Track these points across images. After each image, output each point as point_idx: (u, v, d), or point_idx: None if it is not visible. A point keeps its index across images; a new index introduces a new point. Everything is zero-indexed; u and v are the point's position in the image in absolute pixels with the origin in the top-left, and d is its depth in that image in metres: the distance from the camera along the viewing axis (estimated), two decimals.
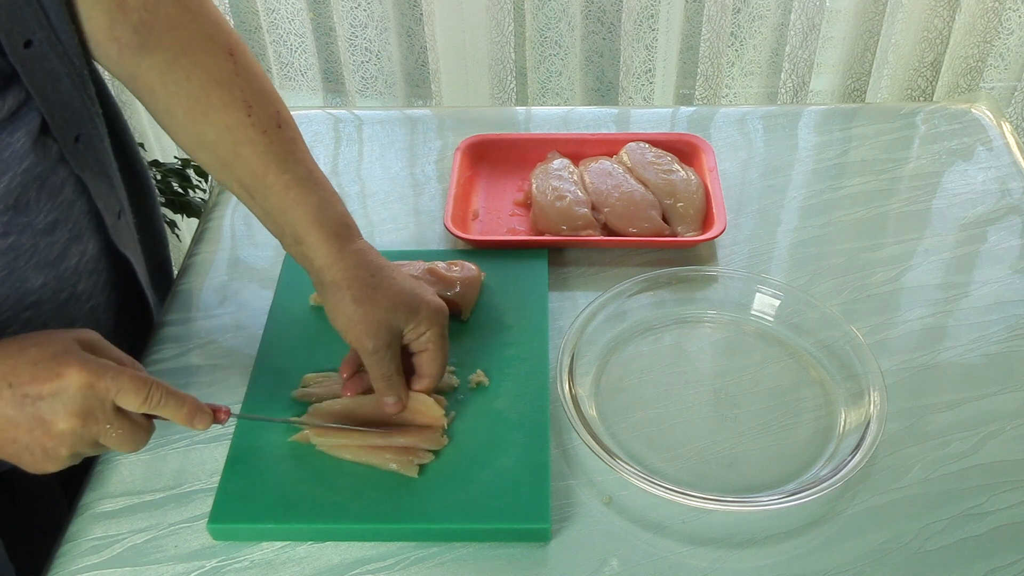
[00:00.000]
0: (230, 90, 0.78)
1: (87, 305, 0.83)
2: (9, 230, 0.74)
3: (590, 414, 0.81)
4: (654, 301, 0.92)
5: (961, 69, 1.81)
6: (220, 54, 0.78)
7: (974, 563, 0.71)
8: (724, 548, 0.73)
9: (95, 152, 0.81)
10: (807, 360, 0.87)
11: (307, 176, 0.78)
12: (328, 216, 0.78)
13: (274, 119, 0.79)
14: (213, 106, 0.77)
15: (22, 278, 0.76)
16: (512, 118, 1.29)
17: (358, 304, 0.76)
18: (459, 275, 0.91)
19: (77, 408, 0.64)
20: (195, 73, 0.77)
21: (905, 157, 1.12)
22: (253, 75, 0.79)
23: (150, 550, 0.74)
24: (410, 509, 0.74)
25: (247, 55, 0.80)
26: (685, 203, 1.01)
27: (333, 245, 0.77)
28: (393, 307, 0.76)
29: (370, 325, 0.75)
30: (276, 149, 0.78)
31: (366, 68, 1.96)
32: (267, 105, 0.79)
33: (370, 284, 0.76)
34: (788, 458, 0.79)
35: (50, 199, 0.77)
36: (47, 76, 0.74)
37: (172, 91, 0.78)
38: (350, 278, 0.76)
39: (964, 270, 0.96)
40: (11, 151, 0.73)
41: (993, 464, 0.78)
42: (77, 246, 0.81)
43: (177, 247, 1.96)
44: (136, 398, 0.66)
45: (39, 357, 0.65)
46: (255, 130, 0.78)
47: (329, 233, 0.77)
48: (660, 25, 1.88)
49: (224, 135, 0.78)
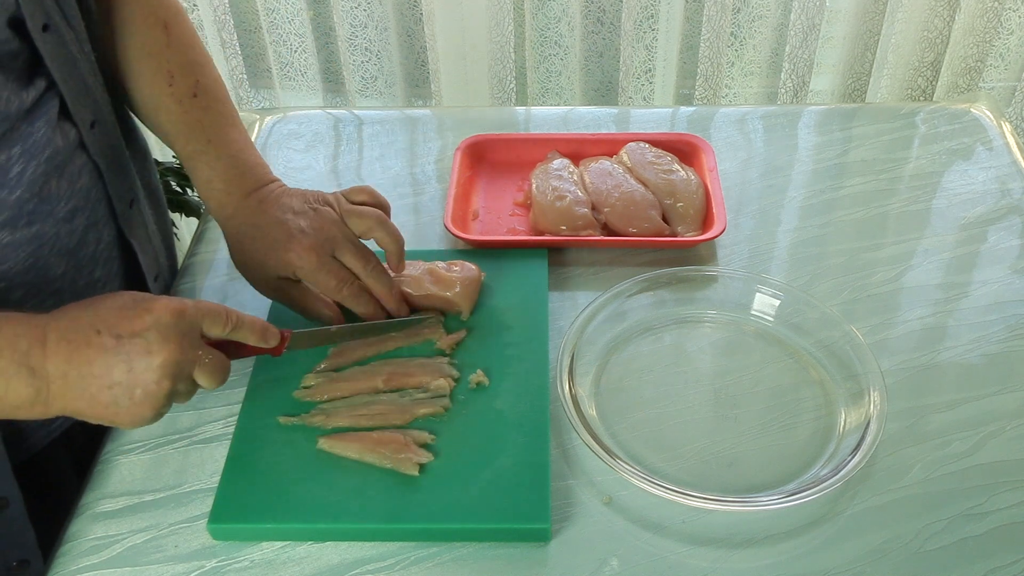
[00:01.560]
0: (158, 61, 0.86)
1: (104, 291, 0.84)
2: (34, 219, 0.75)
3: (590, 414, 0.81)
4: (654, 301, 0.92)
5: (961, 69, 1.81)
6: (156, 27, 0.86)
7: (974, 563, 0.71)
8: (724, 548, 0.73)
9: (109, 138, 0.84)
10: (807, 360, 0.87)
11: (204, 148, 0.85)
12: (212, 188, 0.85)
13: (191, 89, 0.86)
14: (143, 73, 0.86)
15: (45, 266, 0.77)
16: (512, 118, 1.29)
17: (243, 269, 0.85)
18: (459, 275, 0.91)
19: (174, 335, 0.67)
20: (131, 43, 0.86)
21: (905, 157, 1.12)
22: (184, 47, 0.87)
23: (150, 550, 0.74)
24: (410, 509, 0.74)
25: (182, 26, 0.88)
26: (685, 203, 1.01)
27: (220, 214, 0.86)
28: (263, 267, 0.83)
29: (258, 286, 0.84)
30: (186, 118, 0.86)
31: (366, 68, 1.96)
32: (187, 76, 0.86)
33: (242, 250, 0.84)
34: (788, 458, 0.79)
35: (69, 186, 0.79)
36: (65, 60, 0.77)
37: (117, 56, 0.86)
38: (233, 241, 0.85)
39: (964, 270, 0.96)
40: (34, 139, 0.74)
41: (993, 464, 0.78)
42: (94, 233, 0.83)
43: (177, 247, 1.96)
44: (218, 321, 0.71)
45: (120, 303, 0.67)
46: (172, 99, 0.86)
47: (216, 204, 0.86)
48: (660, 25, 1.88)
49: (148, 103, 0.87)
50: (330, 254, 0.82)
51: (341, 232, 0.83)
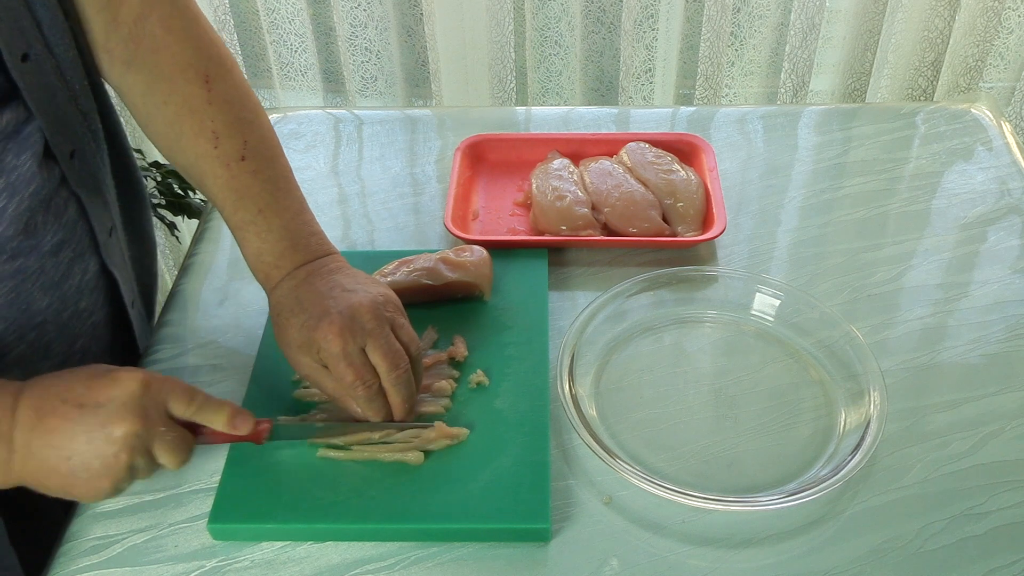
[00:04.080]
0: (201, 119, 0.79)
1: (88, 321, 0.83)
2: (18, 253, 0.74)
3: (590, 414, 0.81)
4: (654, 301, 0.92)
5: (961, 69, 1.80)
6: (196, 81, 0.79)
7: (974, 563, 0.71)
8: (724, 548, 0.73)
9: (90, 168, 0.81)
10: (807, 360, 0.87)
11: (254, 219, 0.80)
12: (262, 261, 0.80)
13: (239, 151, 0.80)
14: (184, 134, 0.80)
15: (28, 299, 0.76)
16: (512, 118, 1.29)
17: (280, 338, 0.77)
18: (471, 259, 0.92)
19: (137, 408, 0.65)
20: (171, 100, 0.79)
21: (905, 157, 1.12)
22: (227, 103, 0.80)
23: (150, 550, 0.74)
24: (410, 509, 0.74)
25: (227, 80, 0.81)
26: (685, 203, 1.01)
27: (266, 286, 0.80)
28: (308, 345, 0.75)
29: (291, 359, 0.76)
30: (234, 184, 0.80)
31: (366, 68, 1.96)
32: (234, 136, 0.80)
33: (280, 326, 0.77)
34: (788, 458, 0.79)
35: (56, 220, 0.77)
36: (44, 90, 0.74)
37: (151, 112, 0.80)
38: (275, 315, 0.78)
39: (964, 270, 0.96)
40: (18, 174, 0.72)
41: (993, 464, 0.78)
42: (79, 265, 0.81)
43: (177, 248, 1.96)
44: (183, 400, 0.68)
45: (91, 373, 0.66)
46: (219, 163, 0.79)
47: (263, 277, 0.80)
48: (660, 25, 1.88)
49: (193, 163, 0.81)
50: (360, 346, 0.74)
51: (379, 326, 0.75)
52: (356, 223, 1.05)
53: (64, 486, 0.66)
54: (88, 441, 0.64)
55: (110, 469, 0.65)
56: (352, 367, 0.73)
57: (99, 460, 0.64)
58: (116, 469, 0.65)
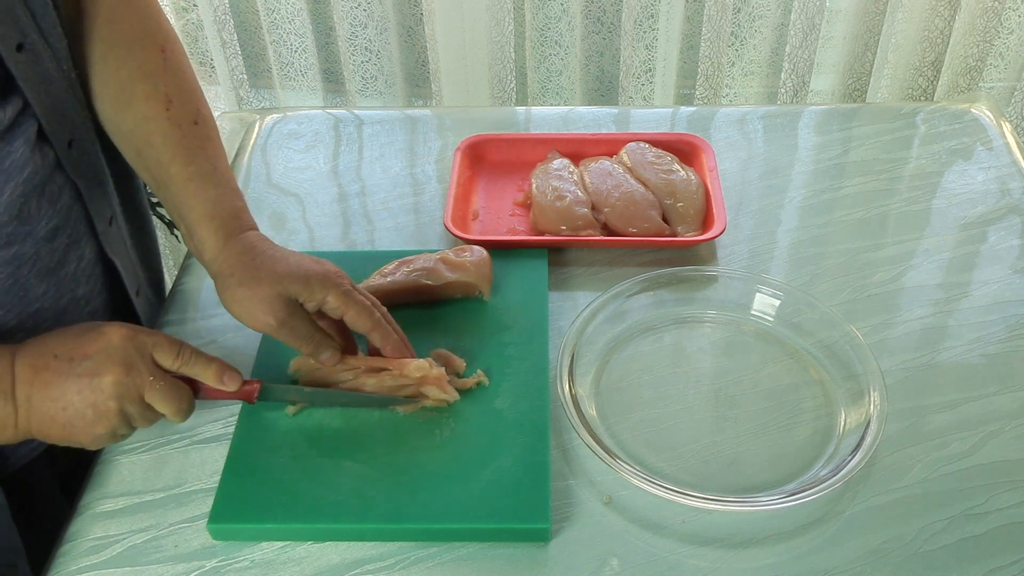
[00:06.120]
0: (154, 84, 0.81)
1: (86, 309, 0.84)
2: (13, 239, 0.74)
3: (590, 414, 0.81)
4: (654, 301, 0.92)
5: (961, 69, 1.80)
6: (153, 49, 0.82)
7: (974, 563, 0.71)
8: (724, 548, 0.73)
9: (88, 157, 0.82)
10: (807, 360, 0.87)
11: (210, 172, 0.81)
12: (221, 210, 0.80)
13: (191, 116, 0.82)
14: (136, 96, 0.81)
15: (25, 286, 0.77)
16: (512, 118, 1.29)
17: (245, 287, 0.77)
18: (470, 259, 0.92)
19: (120, 358, 0.69)
20: (127, 64, 0.81)
21: (905, 157, 1.12)
22: (181, 72, 0.83)
23: (150, 550, 0.74)
24: (410, 509, 0.74)
25: (179, 53, 0.84)
26: (685, 203, 1.01)
27: (220, 237, 0.79)
28: (278, 280, 0.76)
29: (262, 303, 0.76)
30: (187, 143, 0.81)
31: (366, 68, 1.96)
32: (187, 103, 0.82)
33: (252, 266, 0.78)
34: (788, 458, 0.79)
35: (50, 206, 0.78)
36: (40, 80, 0.75)
37: (103, 79, 0.81)
38: (233, 265, 0.78)
39: (964, 270, 0.96)
40: (11, 160, 0.73)
41: (993, 464, 0.78)
42: (75, 251, 0.81)
43: (177, 248, 1.96)
44: (170, 352, 0.72)
45: (82, 330, 0.71)
46: (170, 123, 0.81)
47: (218, 226, 0.79)
48: (660, 25, 1.88)
49: (140, 125, 0.81)
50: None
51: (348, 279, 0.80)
52: (356, 223, 1.05)
53: (64, 435, 0.71)
54: (79, 391, 0.69)
55: (102, 416, 0.70)
56: (364, 296, 0.79)
57: (91, 408, 0.69)
58: (108, 415, 0.70)
